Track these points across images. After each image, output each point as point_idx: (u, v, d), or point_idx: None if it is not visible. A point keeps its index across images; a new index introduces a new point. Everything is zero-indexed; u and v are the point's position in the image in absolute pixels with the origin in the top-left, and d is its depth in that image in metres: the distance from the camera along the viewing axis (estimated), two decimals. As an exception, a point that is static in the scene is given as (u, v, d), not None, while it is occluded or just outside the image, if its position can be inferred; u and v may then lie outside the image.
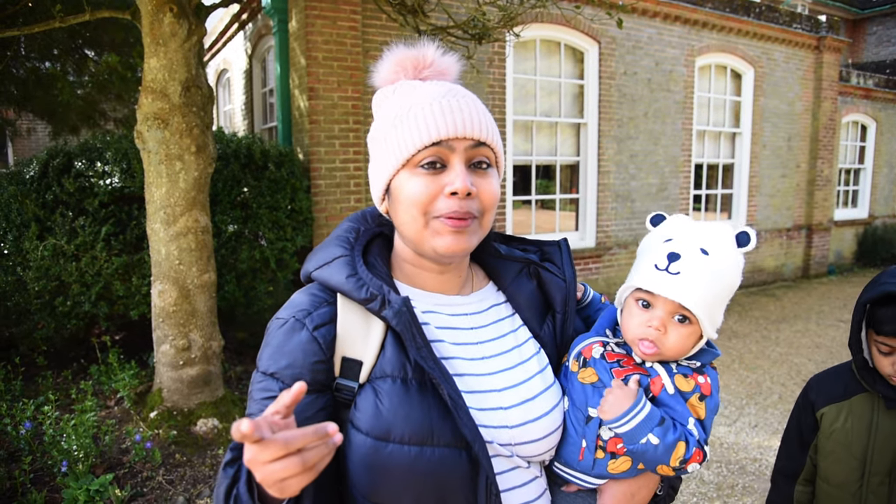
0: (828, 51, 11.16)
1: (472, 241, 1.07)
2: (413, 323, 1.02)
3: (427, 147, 1.03)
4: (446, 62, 1.15)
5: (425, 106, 1.04)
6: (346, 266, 1.07)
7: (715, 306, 1.11)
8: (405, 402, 1.01)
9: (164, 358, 4.38)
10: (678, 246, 1.11)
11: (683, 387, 1.11)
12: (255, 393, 1.04)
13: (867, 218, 13.52)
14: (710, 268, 1.09)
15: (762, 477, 4.10)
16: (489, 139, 1.07)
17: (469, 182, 1.03)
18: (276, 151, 5.73)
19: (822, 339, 7.46)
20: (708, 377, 1.14)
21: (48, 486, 3.72)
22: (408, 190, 1.05)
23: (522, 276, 1.25)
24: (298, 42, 6.10)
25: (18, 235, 4.89)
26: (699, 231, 1.13)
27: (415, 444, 0.99)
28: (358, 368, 1.04)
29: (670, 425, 1.07)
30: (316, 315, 1.06)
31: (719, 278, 1.10)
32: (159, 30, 3.94)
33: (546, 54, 8.02)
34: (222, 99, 10.98)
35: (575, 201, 8.69)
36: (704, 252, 1.09)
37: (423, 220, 1.05)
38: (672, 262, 1.10)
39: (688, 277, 1.08)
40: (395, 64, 1.12)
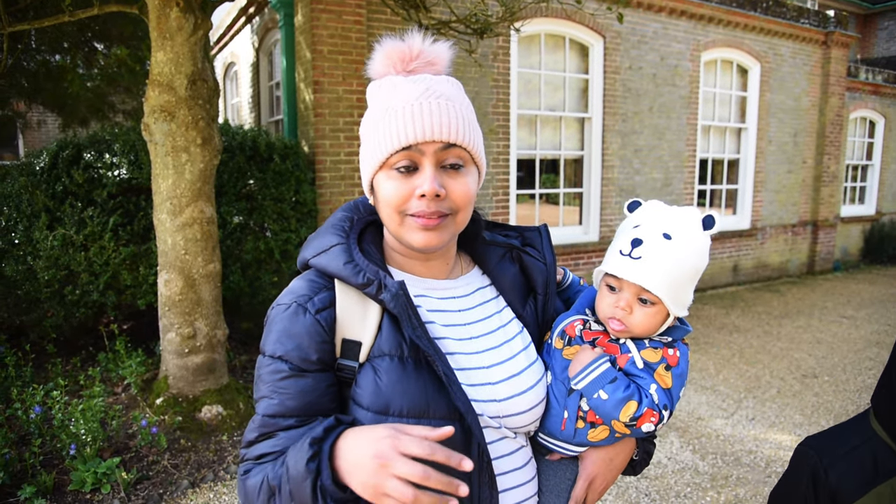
0: (836, 46, 11.12)
1: (445, 237, 1.14)
2: (409, 305, 1.09)
3: (398, 151, 1.09)
4: (435, 52, 1.18)
5: (398, 109, 1.10)
6: (343, 253, 1.14)
7: (679, 287, 1.18)
8: (402, 379, 1.09)
9: (169, 346, 4.48)
10: (642, 232, 1.18)
11: (651, 358, 1.19)
12: (266, 376, 1.11)
13: (874, 214, 13.48)
14: (672, 252, 1.15)
15: (756, 468, 4.16)
16: (460, 140, 1.11)
17: (437, 184, 1.08)
18: (282, 144, 5.81)
19: (823, 335, 7.49)
20: (678, 351, 1.21)
21: (57, 468, 3.82)
22: (384, 190, 1.12)
23: (505, 261, 1.32)
24: (304, 36, 6.17)
25: (29, 226, 4.98)
26: (665, 217, 1.20)
27: (412, 417, 1.07)
28: (357, 349, 1.12)
29: (622, 385, 1.15)
30: (317, 300, 1.13)
31: (681, 261, 1.16)
32: (166, 24, 4.01)
33: (551, 49, 8.05)
34: (230, 92, 11.06)
35: (579, 195, 8.73)
36: (667, 237, 1.16)
37: (398, 218, 1.12)
38: (635, 247, 1.17)
39: (648, 262, 1.15)
40: (384, 57, 1.16)
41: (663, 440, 4.56)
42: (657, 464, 4.20)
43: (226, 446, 4.23)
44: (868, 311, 8.79)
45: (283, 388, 1.08)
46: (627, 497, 3.79)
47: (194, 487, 3.78)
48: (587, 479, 1.24)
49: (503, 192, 7.69)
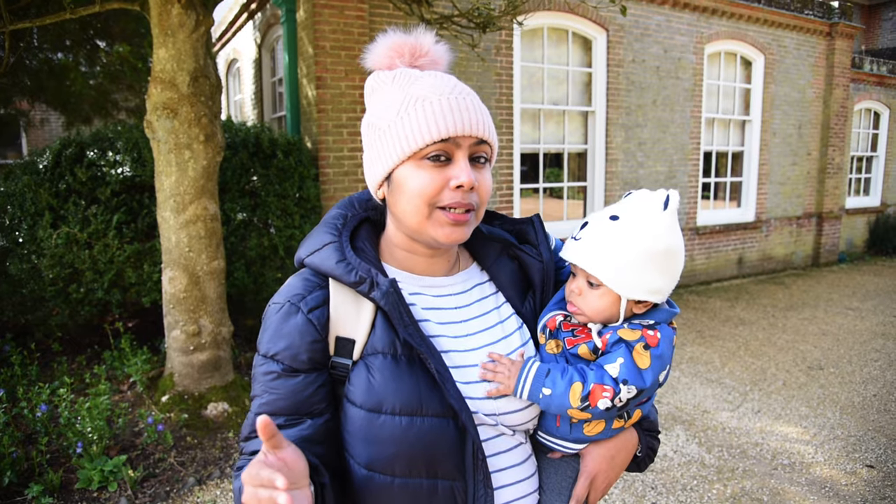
0: (840, 37, 11.06)
1: (468, 232, 1.15)
2: (400, 303, 1.09)
3: (436, 142, 1.08)
4: (440, 51, 1.20)
5: (434, 101, 1.09)
6: (335, 252, 1.13)
7: (626, 268, 1.13)
8: (395, 376, 1.08)
9: (174, 343, 4.48)
10: (593, 216, 1.19)
11: (628, 336, 1.15)
12: (259, 375, 1.12)
13: (879, 206, 13.43)
14: (616, 232, 1.13)
15: (762, 461, 4.15)
16: (490, 137, 1.13)
17: (473, 176, 1.09)
18: (284, 140, 5.80)
19: (828, 327, 7.47)
20: (659, 332, 1.16)
21: (64, 466, 3.83)
22: (414, 181, 1.10)
23: (503, 257, 1.31)
24: (306, 31, 6.15)
25: (33, 224, 4.99)
26: (626, 200, 1.18)
27: (405, 415, 1.07)
28: (351, 346, 1.12)
29: (558, 372, 1.14)
30: (310, 298, 1.12)
31: (627, 241, 1.13)
32: (167, 20, 4.00)
33: (554, 42, 8.02)
34: (233, 89, 11.05)
35: (583, 189, 8.71)
36: (614, 218, 1.15)
37: (426, 210, 1.11)
38: (581, 229, 1.18)
39: (587, 242, 1.16)
40: (390, 49, 1.16)
41: (669, 433, 4.55)
42: (663, 457, 4.20)
43: (232, 443, 4.24)
44: (873, 303, 8.76)
45: (275, 387, 1.09)
46: (634, 490, 3.78)
47: (201, 485, 3.79)
48: (588, 477, 1.23)
49: (507, 187, 7.67)
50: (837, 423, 4.75)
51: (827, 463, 4.13)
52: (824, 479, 3.91)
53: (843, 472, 4.00)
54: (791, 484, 3.86)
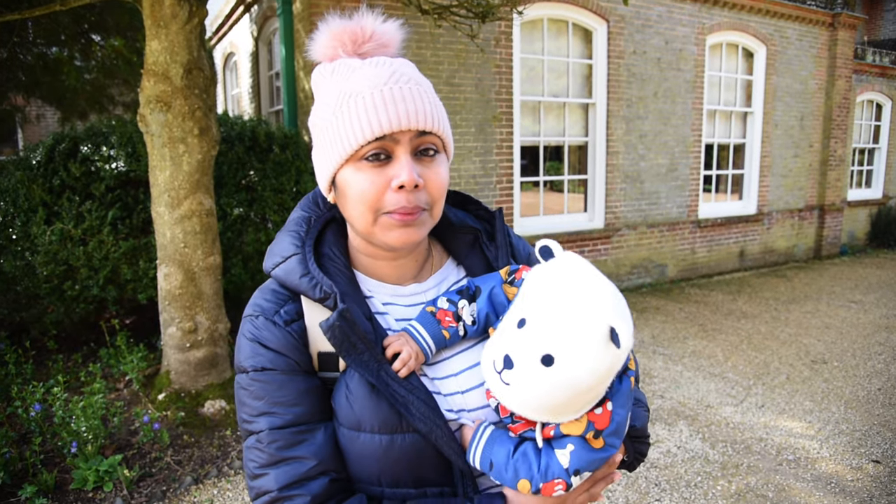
0: (842, 28, 10.97)
1: (422, 232, 1.06)
2: (351, 331, 0.99)
3: (370, 142, 0.99)
4: (388, 32, 1.07)
5: (366, 96, 0.99)
6: (298, 265, 1.05)
7: (565, 405, 0.94)
8: (371, 395, 1.01)
9: (171, 340, 4.42)
10: (518, 346, 0.92)
11: (574, 431, 0.97)
12: (257, 391, 1.02)
13: (881, 198, 13.36)
14: (550, 382, 0.90)
15: (767, 456, 4.09)
16: (435, 127, 1.02)
17: (416, 174, 1.00)
18: (281, 134, 5.73)
19: (832, 320, 7.41)
20: (608, 403, 0.97)
21: (58, 466, 3.78)
22: (354, 186, 1.02)
23: (476, 249, 1.22)
24: (303, 24, 6.07)
25: (26, 221, 4.92)
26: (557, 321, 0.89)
27: (385, 433, 1.01)
28: (335, 359, 1.05)
29: (501, 463, 1.00)
30: (283, 312, 1.05)
31: (564, 388, 0.90)
32: (160, 12, 3.93)
33: (554, 34, 7.93)
34: (230, 82, 10.97)
35: (583, 182, 8.63)
36: (546, 362, 0.89)
37: (371, 216, 1.02)
38: (506, 367, 0.94)
39: (518, 392, 0.94)
40: (331, 38, 1.05)
41: (672, 428, 4.49)
42: (666, 453, 4.14)
43: (229, 441, 4.18)
44: (876, 296, 8.70)
45: (282, 396, 1.01)
46: (637, 487, 3.73)
47: (198, 484, 3.74)
48: None
49: (507, 181, 7.60)
50: (842, 417, 4.70)
51: (832, 458, 4.07)
52: (830, 475, 3.86)
53: (848, 468, 3.95)
54: (796, 480, 3.80)
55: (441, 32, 6.49)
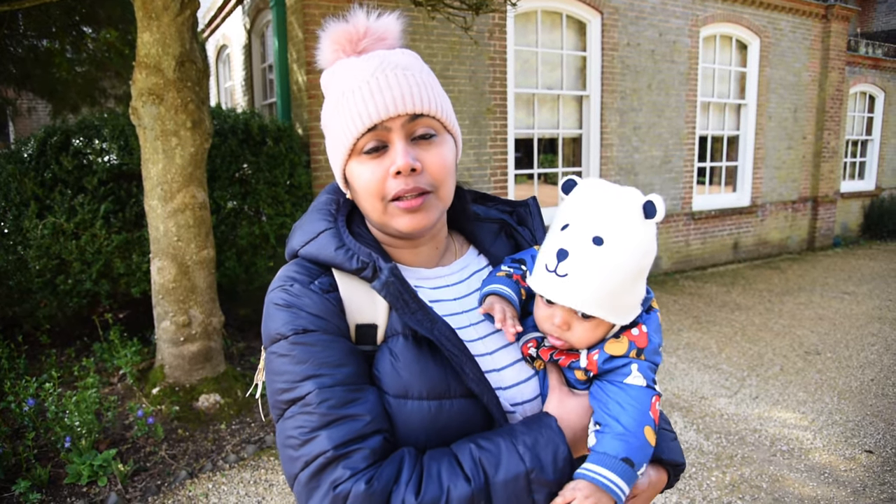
0: (836, 20, 10.97)
1: (433, 216, 1.06)
2: (403, 289, 1.01)
3: (363, 134, 1.02)
4: (383, 26, 1.10)
5: (355, 90, 1.02)
6: (333, 238, 1.06)
7: (619, 295, 1.00)
8: (419, 359, 1.02)
9: (165, 334, 4.40)
10: (568, 239, 0.98)
11: (616, 350, 1.03)
12: (300, 355, 0.98)
13: (874, 190, 13.40)
14: (604, 261, 0.96)
15: (761, 447, 4.11)
16: (427, 109, 1.03)
17: (411, 158, 1.01)
18: (275, 126, 5.70)
19: (825, 311, 7.44)
20: (643, 326, 1.05)
21: (52, 461, 3.76)
22: (359, 179, 1.05)
23: (501, 238, 1.26)
24: (296, 16, 6.04)
25: (18, 214, 4.89)
26: (597, 211, 0.99)
27: (433, 399, 1.01)
28: (373, 332, 1.05)
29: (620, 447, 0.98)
30: (317, 283, 1.05)
31: (618, 268, 0.97)
32: (152, 4, 3.89)
33: (548, 26, 7.91)
34: (223, 75, 10.91)
35: (578, 175, 8.61)
36: (598, 242, 0.96)
37: (381, 205, 1.04)
38: (560, 261, 0.98)
39: (577, 279, 0.97)
40: (331, 42, 1.09)
41: (667, 421, 4.51)
42: (661, 445, 4.16)
43: (224, 435, 4.17)
44: (869, 287, 8.74)
45: (329, 357, 0.97)
46: (632, 480, 3.74)
47: (192, 478, 3.73)
48: None
49: (501, 173, 7.59)
50: (835, 408, 4.72)
51: (826, 448, 4.10)
52: (823, 465, 3.88)
53: (841, 458, 3.97)
54: (790, 470, 3.82)
55: (435, 25, 6.46)
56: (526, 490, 0.94)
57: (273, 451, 4.02)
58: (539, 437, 0.98)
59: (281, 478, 3.73)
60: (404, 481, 0.91)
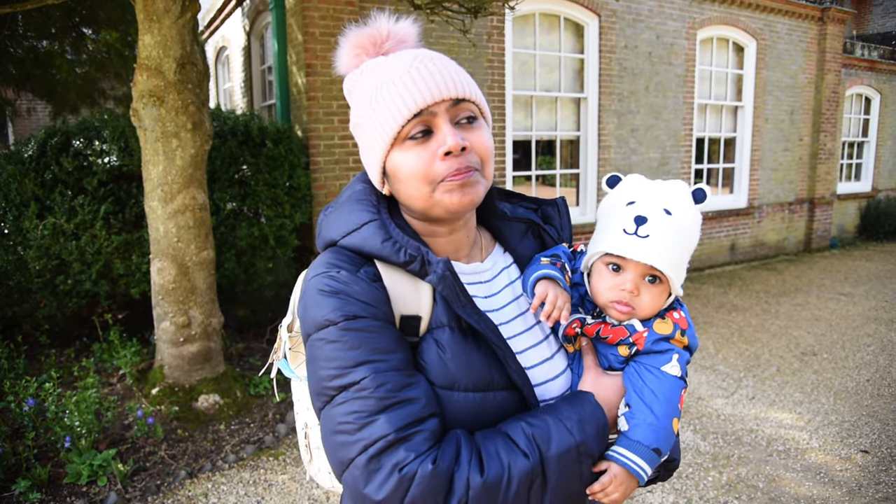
0: (832, 22, 11.02)
1: (480, 191, 1.08)
2: (457, 283, 1.04)
3: (409, 120, 1.04)
4: (403, 29, 1.14)
5: (396, 80, 1.04)
6: (379, 230, 1.06)
7: (681, 264, 1.15)
8: (465, 351, 1.05)
9: (164, 335, 4.42)
10: (643, 208, 1.13)
11: (664, 330, 1.15)
12: (351, 340, 0.98)
13: (870, 191, 13.45)
14: (675, 227, 1.12)
15: (758, 447, 4.14)
16: (468, 94, 1.07)
17: (460, 138, 1.03)
18: (274, 128, 5.72)
19: (821, 312, 7.47)
20: (680, 311, 1.19)
21: (52, 460, 3.78)
22: (405, 167, 1.06)
23: (528, 238, 1.28)
24: (295, 18, 6.06)
25: (18, 215, 4.90)
26: (659, 191, 1.15)
27: (479, 391, 1.04)
28: (417, 323, 1.06)
29: (648, 432, 1.08)
30: (363, 271, 1.06)
31: (683, 236, 1.13)
32: (153, 6, 3.91)
33: (546, 28, 7.94)
34: (221, 77, 10.92)
35: (576, 176, 8.66)
36: (668, 212, 1.12)
37: (428, 188, 1.05)
38: (640, 225, 1.12)
39: (657, 239, 1.11)
40: (353, 47, 1.12)
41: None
42: (658, 445, 4.18)
43: (223, 435, 4.19)
44: (865, 288, 8.78)
45: (382, 341, 0.99)
46: (629, 479, 3.76)
47: (192, 478, 3.75)
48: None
49: (499, 175, 7.62)
50: (831, 408, 4.75)
51: (822, 449, 4.13)
52: (819, 465, 3.91)
53: (837, 458, 4.00)
54: (786, 470, 3.85)
55: (433, 27, 6.49)
56: (577, 461, 1.01)
57: (272, 452, 4.04)
58: (583, 412, 1.05)
59: (280, 478, 3.75)
60: (465, 460, 0.94)
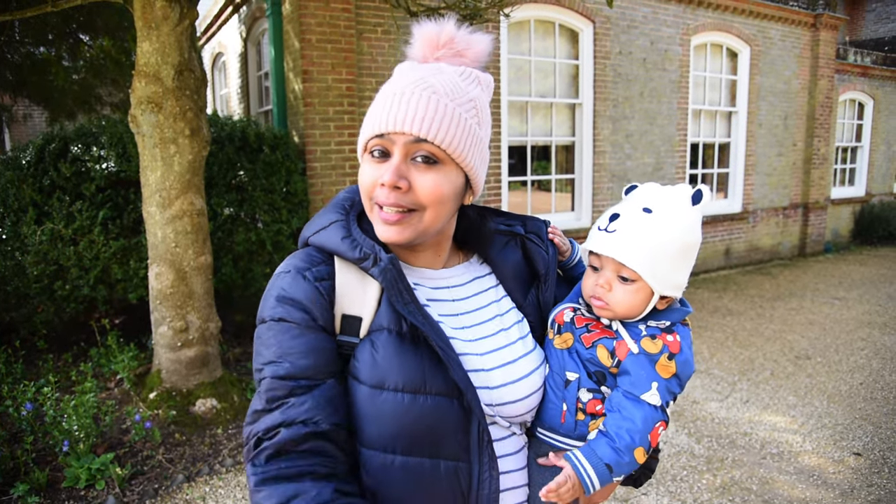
0: (825, 28, 11.11)
1: (409, 234, 1.10)
2: (399, 279, 1.07)
3: (373, 137, 1.09)
4: (466, 41, 1.14)
5: (384, 97, 1.09)
6: (341, 228, 1.12)
7: (660, 262, 1.11)
8: (399, 352, 1.07)
9: (162, 340, 4.44)
10: (622, 206, 1.15)
11: (651, 349, 1.12)
12: (269, 340, 1.07)
13: (864, 196, 13.53)
14: (651, 224, 1.10)
15: (751, 450, 4.17)
16: (431, 136, 1.06)
17: (397, 176, 1.05)
18: (271, 134, 5.75)
19: (815, 317, 7.52)
20: (678, 335, 1.15)
21: (50, 465, 3.79)
22: (361, 175, 1.13)
23: (508, 248, 1.30)
24: (292, 25, 6.10)
25: (16, 220, 4.93)
26: (652, 193, 1.15)
27: (408, 392, 1.05)
28: (358, 324, 1.10)
29: (609, 453, 1.10)
30: (315, 270, 1.10)
31: (661, 234, 1.10)
32: (151, 13, 3.95)
33: (541, 35, 8.00)
34: (218, 83, 10.95)
35: (571, 182, 8.71)
36: (647, 210, 1.11)
37: (370, 205, 1.12)
38: (612, 221, 1.13)
39: (623, 234, 1.11)
40: (420, 40, 1.14)
41: (659, 425, 4.56)
42: (653, 448, 4.21)
43: (221, 439, 4.21)
44: (859, 292, 8.84)
45: (292, 347, 1.05)
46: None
47: (190, 481, 3.77)
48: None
49: (494, 180, 7.66)
50: (825, 411, 4.79)
51: (815, 451, 4.16)
52: (812, 468, 3.94)
53: (830, 461, 4.03)
54: (780, 473, 3.89)
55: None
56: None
57: (270, 455, 4.05)
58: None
59: (278, 481, 3.77)
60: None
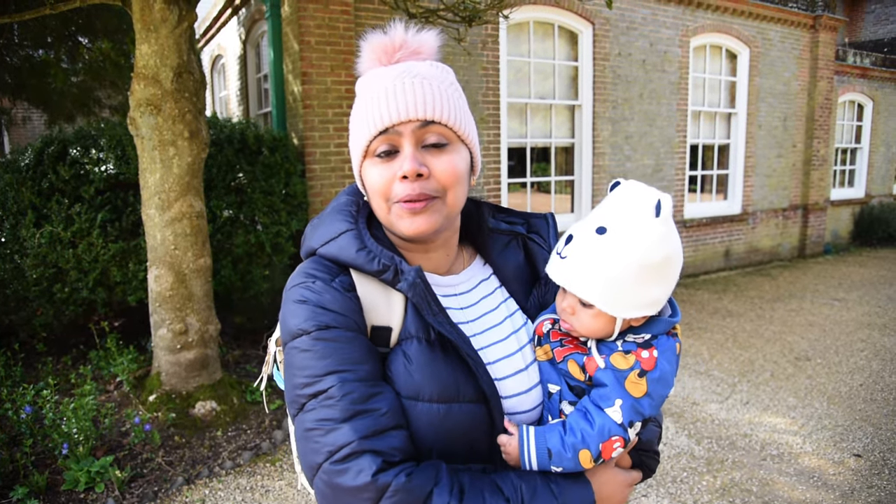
0: (824, 30, 11.12)
1: (436, 221, 1.08)
2: (427, 291, 1.05)
3: (376, 137, 1.06)
4: (420, 40, 1.14)
5: (373, 96, 1.07)
6: (354, 240, 1.09)
7: (618, 287, 1.03)
8: (431, 362, 1.05)
9: (161, 342, 4.44)
10: (577, 227, 1.08)
11: (620, 365, 1.06)
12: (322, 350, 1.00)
13: (864, 197, 13.53)
14: (604, 248, 1.02)
15: (751, 452, 4.17)
16: (437, 116, 1.06)
17: (418, 164, 1.04)
18: (270, 136, 5.75)
19: (815, 318, 7.52)
20: (655, 350, 1.07)
21: (50, 468, 3.79)
22: (369, 180, 1.09)
23: (510, 249, 1.28)
24: (291, 27, 6.10)
25: (15, 223, 4.92)
26: (608, 205, 1.06)
27: (443, 402, 1.04)
28: (387, 334, 1.08)
29: (558, 442, 1.06)
30: (338, 281, 1.07)
31: (617, 259, 1.01)
32: (150, 16, 3.95)
33: (540, 36, 8.01)
34: (217, 85, 10.96)
35: (570, 183, 8.71)
36: (601, 231, 1.03)
37: (386, 206, 1.08)
38: (566, 245, 1.07)
39: (575, 261, 1.05)
40: (370, 52, 1.13)
41: (659, 426, 4.56)
42: (653, 450, 4.21)
43: (220, 442, 4.20)
44: (859, 293, 8.83)
45: (352, 352, 1.00)
46: (624, 484, 3.78)
47: (189, 484, 3.76)
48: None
49: (494, 182, 7.66)
50: (825, 413, 4.78)
51: (815, 453, 4.16)
52: (812, 469, 3.94)
53: (830, 462, 4.03)
54: (780, 474, 3.88)
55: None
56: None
57: (269, 458, 4.06)
58: (575, 487, 1.06)
59: (277, 484, 3.77)
60: (446, 487, 0.96)
